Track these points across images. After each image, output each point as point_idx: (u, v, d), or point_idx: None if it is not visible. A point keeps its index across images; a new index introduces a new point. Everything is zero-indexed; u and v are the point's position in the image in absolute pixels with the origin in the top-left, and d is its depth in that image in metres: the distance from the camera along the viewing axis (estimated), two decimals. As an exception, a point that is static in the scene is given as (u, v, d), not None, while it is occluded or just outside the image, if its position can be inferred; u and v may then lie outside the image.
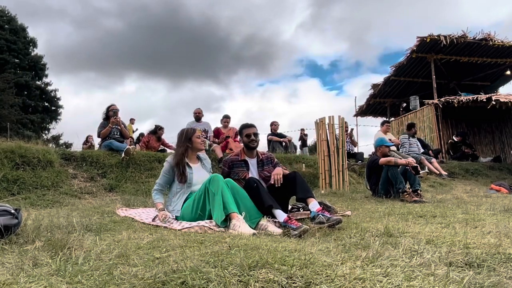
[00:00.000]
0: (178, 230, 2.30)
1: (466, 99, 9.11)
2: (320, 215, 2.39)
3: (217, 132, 7.38)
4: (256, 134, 3.10)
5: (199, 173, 2.86)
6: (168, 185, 2.89)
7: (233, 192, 2.48)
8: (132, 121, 11.48)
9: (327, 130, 5.93)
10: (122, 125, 6.05)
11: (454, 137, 10.31)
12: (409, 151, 7.50)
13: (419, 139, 8.28)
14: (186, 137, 2.88)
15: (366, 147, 22.62)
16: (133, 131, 11.10)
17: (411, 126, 7.98)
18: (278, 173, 2.78)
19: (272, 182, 2.75)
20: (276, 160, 3.20)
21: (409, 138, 7.77)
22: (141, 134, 10.22)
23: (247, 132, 3.06)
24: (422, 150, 7.83)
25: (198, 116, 7.27)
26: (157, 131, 7.57)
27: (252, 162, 3.10)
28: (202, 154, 3.09)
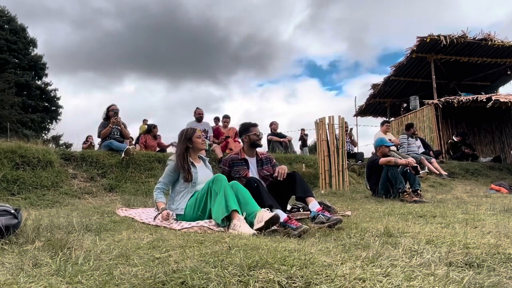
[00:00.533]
0: (178, 230, 2.30)
1: (466, 99, 9.11)
2: (320, 215, 2.39)
3: (217, 132, 7.37)
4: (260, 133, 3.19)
5: (203, 172, 2.88)
6: (171, 184, 2.90)
7: (236, 192, 2.48)
8: (144, 122, 11.38)
9: (327, 130, 5.93)
10: (122, 125, 6.05)
11: (454, 137, 10.31)
12: (407, 151, 7.49)
13: (421, 140, 8.29)
14: (186, 137, 2.90)
15: (366, 147, 22.60)
16: None
17: (409, 126, 7.99)
18: (283, 167, 2.88)
19: (276, 175, 2.82)
20: (274, 160, 3.22)
21: (408, 138, 7.76)
22: (140, 135, 10.23)
23: (256, 131, 3.12)
24: (422, 150, 7.83)
25: (201, 117, 7.22)
26: (151, 130, 7.70)
27: (252, 161, 3.12)
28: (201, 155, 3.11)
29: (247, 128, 3.15)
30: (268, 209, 2.40)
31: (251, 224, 2.25)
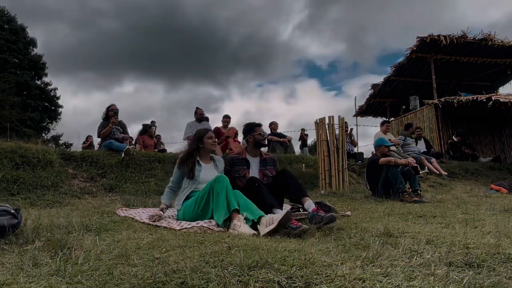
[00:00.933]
0: (178, 230, 2.31)
1: (466, 99, 9.10)
2: (315, 215, 2.41)
3: (217, 132, 7.36)
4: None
5: (208, 172, 2.87)
6: (180, 181, 2.96)
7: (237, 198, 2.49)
8: (152, 123, 11.32)
9: (327, 130, 5.93)
10: (121, 129, 6.05)
11: (454, 137, 10.30)
12: (403, 152, 7.47)
13: (425, 140, 8.28)
14: (197, 137, 2.97)
15: (366, 147, 22.59)
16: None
17: (408, 126, 7.99)
18: None
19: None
20: (278, 165, 3.24)
21: (405, 138, 7.75)
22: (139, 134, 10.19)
23: (261, 131, 3.14)
24: (422, 150, 7.83)
25: (202, 117, 7.21)
26: (147, 130, 7.71)
27: (254, 161, 3.12)
28: (216, 156, 3.15)
29: (251, 128, 3.16)
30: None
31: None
